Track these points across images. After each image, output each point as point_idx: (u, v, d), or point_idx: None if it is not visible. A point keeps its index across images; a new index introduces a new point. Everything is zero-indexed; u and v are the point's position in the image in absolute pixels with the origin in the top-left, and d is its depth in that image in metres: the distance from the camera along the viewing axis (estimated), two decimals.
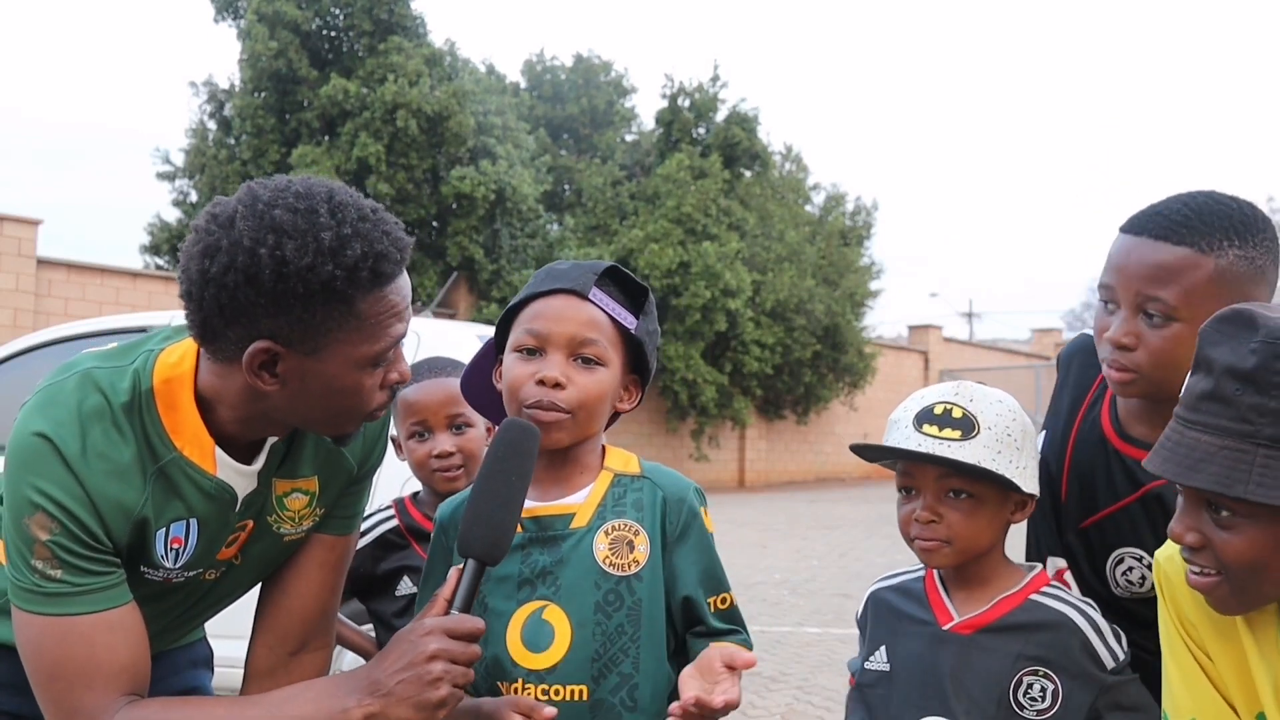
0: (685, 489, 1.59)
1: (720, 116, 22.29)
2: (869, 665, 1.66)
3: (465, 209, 19.13)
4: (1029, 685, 1.52)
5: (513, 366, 1.53)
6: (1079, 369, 1.80)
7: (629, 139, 23.79)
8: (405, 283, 1.43)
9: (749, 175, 22.21)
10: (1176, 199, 1.53)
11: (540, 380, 1.49)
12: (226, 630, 1.96)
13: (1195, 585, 1.33)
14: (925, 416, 1.57)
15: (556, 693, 1.47)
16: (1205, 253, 1.46)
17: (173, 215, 20.49)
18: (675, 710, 1.32)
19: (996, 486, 1.57)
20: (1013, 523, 1.63)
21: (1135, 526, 1.64)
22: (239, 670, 1.66)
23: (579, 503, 1.55)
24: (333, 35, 20.01)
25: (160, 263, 19.98)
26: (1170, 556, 1.45)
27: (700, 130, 22.36)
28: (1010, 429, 1.58)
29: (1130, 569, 1.65)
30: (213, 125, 20.13)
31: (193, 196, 20.30)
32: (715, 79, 22.41)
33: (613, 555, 1.51)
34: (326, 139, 19.25)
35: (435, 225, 19.72)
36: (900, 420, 1.61)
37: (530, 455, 1.42)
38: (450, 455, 2.13)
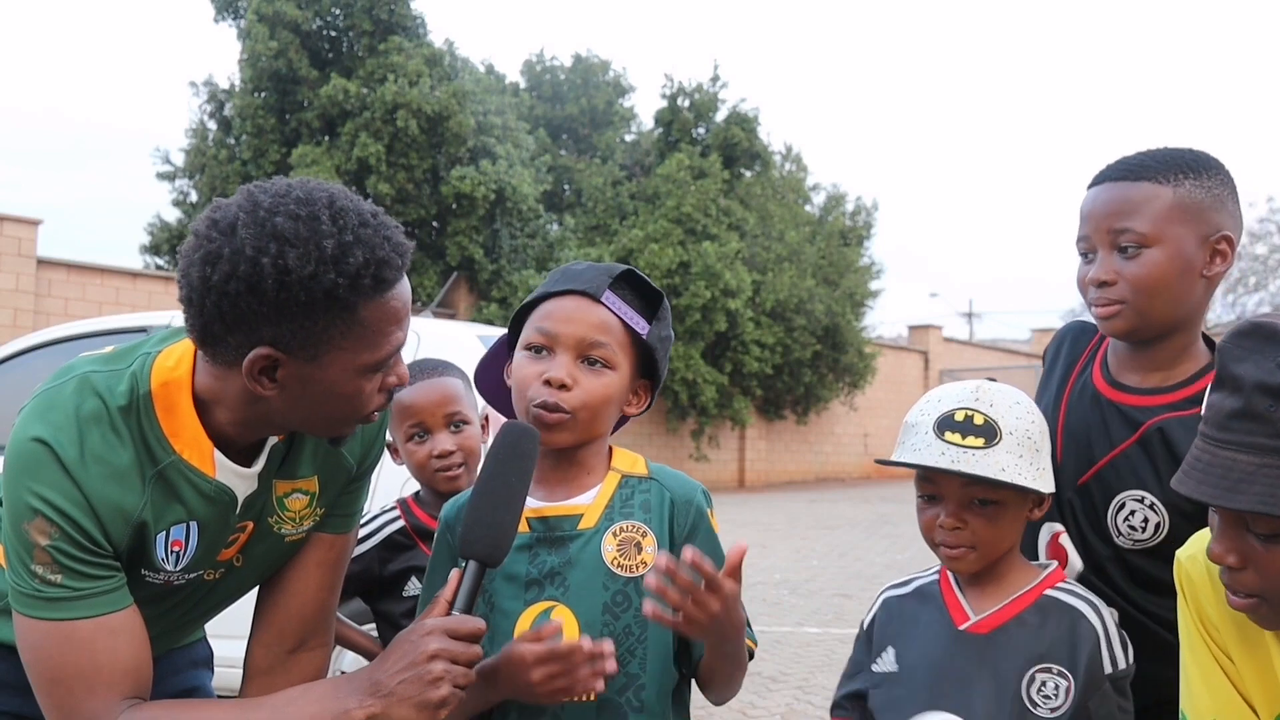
0: (693, 491, 1.60)
1: (720, 116, 22.28)
2: (876, 668, 1.65)
3: (465, 209, 19.13)
4: (1042, 683, 1.52)
5: (521, 365, 1.54)
6: (1071, 345, 1.85)
7: (629, 139, 23.78)
8: (406, 288, 1.43)
9: (749, 175, 22.20)
10: (1134, 152, 1.69)
11: (546, 380, 1.49)
12: (226, 630, 1.97)
13: (1237, 607, 1.32)
14: (946, 424, 1.56)
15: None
16: (1163, 184, 1.60)
17: (173, 215, 20.50)
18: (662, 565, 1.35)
19: (1016, 490, 1.57)
20: (1031, 520, 1.63)
21: (1136, 469, 1.65)
22: (239, 670, 1.66)
23: (587, 503, 1.55)
24: (333, 35, 20.00)
25: (160, 263, 19.98)
26: (1192, 556, 1.44)
27: (700, 130, 22.34)
28: (1030, 431, 1.59)
29: (1132, 513, 1.65)
30: (213, 125, 20.13)
31: (193, 196, 20.30)
32: (715, 79, 22.40)
33: (621, 557, 1.52)
34: (326, 139, 19.25)
35: (435, 225, 19.72)
36: (918, 425, 1.60)
37: (530, 457, 1.42)
38: (450, 454, 2.13)
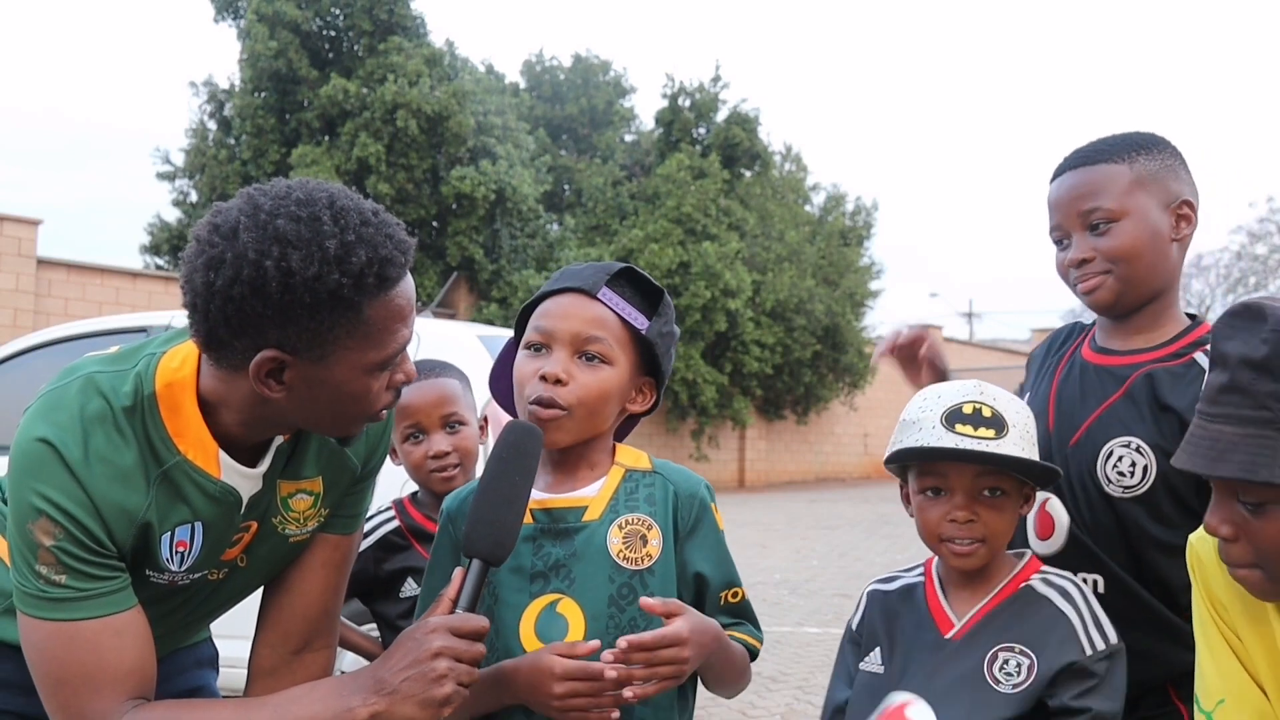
0: (696, 484, 1.60)
1: (721, 116, 22.29)
2: (864, 666, 1.67)
3: (465, 209, 19.14)
4: (1004, 660, 1.54)
5: (520, 364, 1.56)
6: (1065, 339, 1.94)
7: (629, 139, 23.79)
8: (410, 285, 1.43)
9: (749, 175, 22.20)
10: (1085, 143, 1.81)
11: (542, 376, 1.50)
12: (231, 630, 1.97)
13: (1238, 579, 1.36)
14: (956, 416, 1.57)
15: None
16: (1120, 162, 1.74)
17: (173, 215, 20.49)
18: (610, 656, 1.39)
19: (1018, 481, 1.60)
20: (1021, 515, 1.65)
21: (1123, 417, 1.71)
22: (244, 670, 1.66)
23: (591, 495, 1.56)
24: (333, 35, 20.01)
25: (160, 263, 19.97)
26: (1202, 537, 1.45)
27: (700, 130, 22.35)
28: (1028, 426, 1.62)
29: (1120, 459, 1.69)
30: (213, 125, 20.13)
31: (193, 196, 20.30)
32: (716, 79, 22.42)
33: (626, 549, 1.53)
34: (326, 139, 19.25)
35: (435, 225, 19.72)
36: (922, 420, 1.60)
37: (533, 455, 1.43)
38: (446, 455, 2.14)
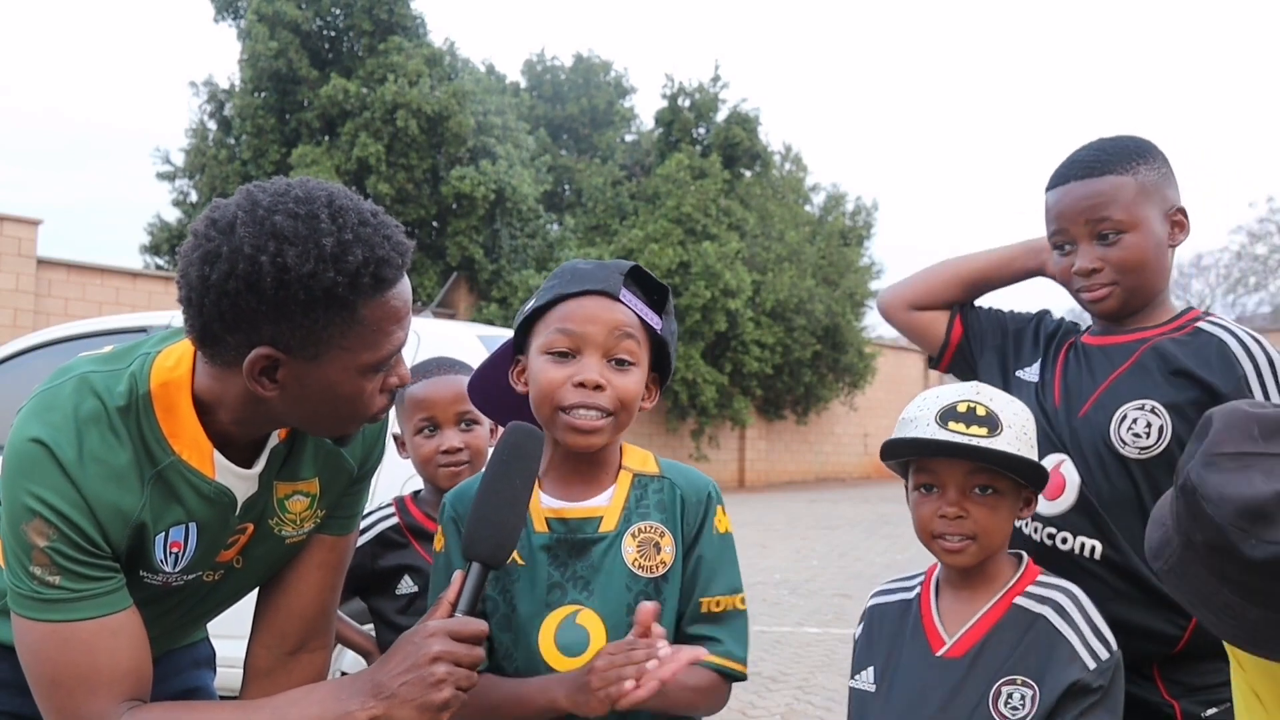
0: (703, 489, 1.60)
1: (721, 117, 22.29)
2: (855, 684, 1.68)
3: (465, 209, 19.14)
4: (1009, 695, 1.54)
5: (545, 369, 1.51)
6: (1056, 325, 1.98)
7: (629, 139, 23.80)
8: (406, 287, 1.42)
9: (749, 175, 22.21)
10: (1080, 149, 1.84)
11: (580, 383, 1.48)
12: (228, 630, 1.96)
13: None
14: (950, 414, 1.60)
15: None
16: (1125, 174, 1.77)
17: (173, 215, 20.51)
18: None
19: (1014, 482, 1.60)
20: (1019, 519, 1.66)
21: (1135, 383, 1.76)
22: (241, 670, 1.66)
23: (605, 505, 1.55)
24: (333, 35, 20.01)
25: (160, 263, 19.98)
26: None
27: (700, 130, 22.36)
28: (1026, 428, 1.63)
29: (1135, 421, 1.73)
30: (213, 125, 20.14)
31: (193, 196, 20.31)
32: (716, 79, 22.42)
33: (641, 558, 1.52)
34: (326, 139, 19.26)
35: (435, 225, 19.73)
36: (918, 419, 1.63)
37: (535, 458, 1.42)
38: (458, 451, 2.15)
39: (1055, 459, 1.77)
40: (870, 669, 1.67)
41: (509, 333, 1.70)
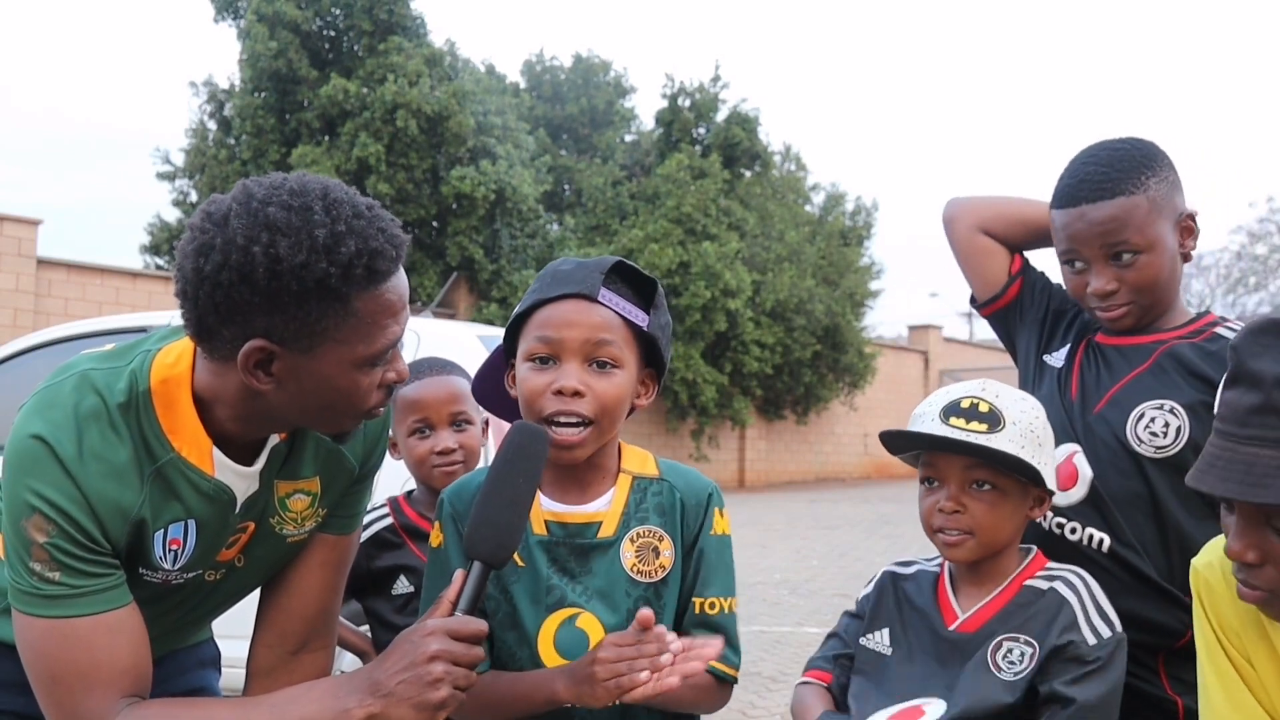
0: (702, 492, 1.59)
1: (720, 116, 22.27)
2: (866, 642, 1.69)
3: (465, 209, 19.13)
4: (1008, 649, 1.56)
5: (527, 377, 1.50)
6: (1077, 311, 1.96)
7: (629, 139, 23.78)
8: (402, 281, 1.41)
9: (749, 175, 22.20)
10: (1085, 164, 1.79)
11: (558, 390, 1.47)
12: (233, 630, 1.96)
13: (1247, 599, 1.32)
14: (952, 410, 1.61)
15: None
16: (1136, 193, 1.73)
17: (173, 215, 20.49)
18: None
19: (1018, 480, 1.60)
20: (1031, 519, 1.66)
21: (1153, 384, 1.76)
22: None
23: (604, 509, 1.55)
24: (333, 35, 20.00)
25: (160, 263, 19.97)
26: (1209, 563, 1.44)
27: (700, 130, 22.34)
28: (1034, 426, 1.62)
29: (1152, 420, 1.74)
30: (213, 125, 20.13)
31: (193, 196, 20.30)
32: (716, 79, 22.39)
33: (640, 563, 1.52)
34: (326, 139, 19.25)
35: (435, 225, 19.72)
36: (925, 414, 1.64)
37: (539, 458, 1.41)
38: (452, 451, 2.15)
39: (1068, 449, 1.78)
40: (885, 630, 1.68)
41: None
